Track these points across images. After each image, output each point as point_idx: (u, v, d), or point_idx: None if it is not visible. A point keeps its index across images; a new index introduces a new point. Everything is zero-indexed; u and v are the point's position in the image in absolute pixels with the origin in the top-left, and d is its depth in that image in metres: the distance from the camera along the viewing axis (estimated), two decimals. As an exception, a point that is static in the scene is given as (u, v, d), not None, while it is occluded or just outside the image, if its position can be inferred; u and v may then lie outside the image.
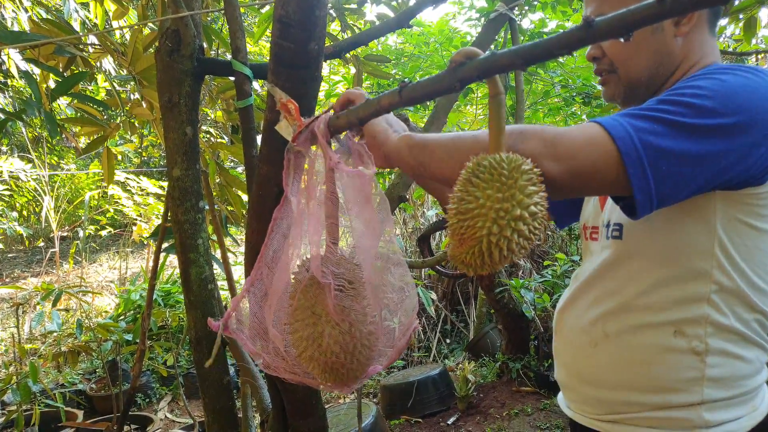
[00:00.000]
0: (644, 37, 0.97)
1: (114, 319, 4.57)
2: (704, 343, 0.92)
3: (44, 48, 1.83)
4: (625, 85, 1.01)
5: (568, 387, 1.13)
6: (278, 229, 0.97)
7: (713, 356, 0.92)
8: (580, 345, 1.06)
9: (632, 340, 0.97)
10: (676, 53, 0.97)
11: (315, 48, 1.02)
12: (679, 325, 0.93)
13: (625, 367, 0.99)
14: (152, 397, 4.22)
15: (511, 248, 0.67)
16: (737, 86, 0.80)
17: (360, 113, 0.86)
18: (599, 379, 1.03)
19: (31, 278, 7.87)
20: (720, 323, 0.92)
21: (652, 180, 0.76)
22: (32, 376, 2.71)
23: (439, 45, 5.19)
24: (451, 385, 3.78)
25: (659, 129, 0.77)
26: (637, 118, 0.78)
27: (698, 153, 0.77)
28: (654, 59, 0.98)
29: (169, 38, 1.49)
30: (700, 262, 0.91)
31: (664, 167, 0.76)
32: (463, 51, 0.70)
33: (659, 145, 0.76)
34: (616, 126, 0.77)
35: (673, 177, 0.77)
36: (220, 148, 2.55)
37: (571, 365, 1.10)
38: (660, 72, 0.99)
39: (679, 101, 0.79)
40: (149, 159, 9.94)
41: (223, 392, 1.62)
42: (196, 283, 1.54)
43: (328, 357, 0.85)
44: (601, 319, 1.02)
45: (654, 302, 0.95)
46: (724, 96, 0.79)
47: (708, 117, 0.77)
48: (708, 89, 0.80)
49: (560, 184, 0.77)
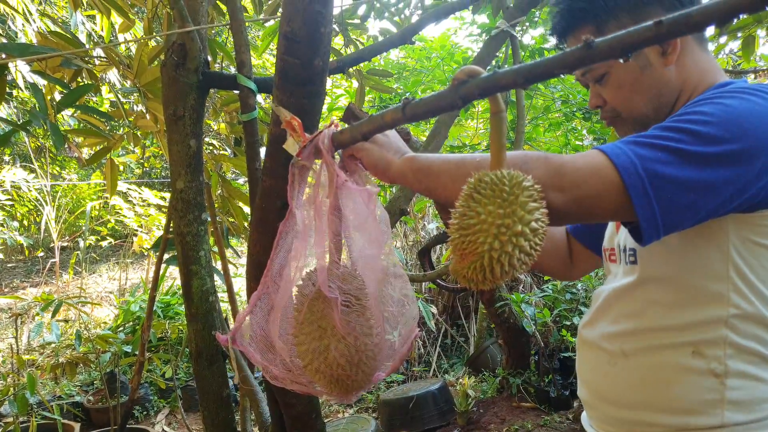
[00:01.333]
0: (636, 78, 0.97)
1: (113, 330, 4.56)
2: (723, 364, 0.91)
3: (51, 60, 1.86)
4: (633, 123, 1.02)
5: (589, 405, 1.12)
6: (283, 242, 0.98)
7: (733, 378, 0.91)
8: (599, 364, 1.06)
9: (650, 359, 0.97)
10: (673, 81, 0.97)
11: (320, 64, 1.03)
12: (698, 346, 0.92)
13: (643, 387, 0.98)
14: (150, 409, 4.19)
15: (513, 263, 0.68)
16: (742, 111, 0.80)
17: (364, 129, 0.87)
18: (618, 398, 1.02)
19: (30, 288, 7.86)
20: (740, 345, 0.91)
21: (658, 209, 0.76)
22: (30, 388, 2.70)
23: (440, 60, 5.24)
24: (451, 401, 3.76)
25: (664, 157, 0.77)
26: (640, 145, 0.78)
27: (704, 181, 0.77)
28: (652, 94, 0.98)
29: (174, 52, 1.51)
30: (716, 285, 0.90)
31: (669, 196, 0.76)
32: (466, 69, 0.71)
33: (664, 173, 0.76)
34: (620, 154, 0.77)
35: (679, 206, 0.77)
36: (222, 160, 2.57)
37: (592, 383, 1.09)
38: (662, 102, 0.98)
39: (683, 128, 0.79)
40: (151, 170, 9.97)
41: (222, 405, 1.62)
42: (198, 295, 1.55)
43: (334, 369, 0.85)
44: (619, 338, 1.01)
45: (671, 324, 0.94)
46: (729, 122, 0.78)
47: (713, 144, 0.77)
48: (712, 115, 0.79)
49: (564, 213, 0.78)
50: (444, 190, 0.85)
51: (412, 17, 2.72)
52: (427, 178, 0.87)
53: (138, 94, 2.12)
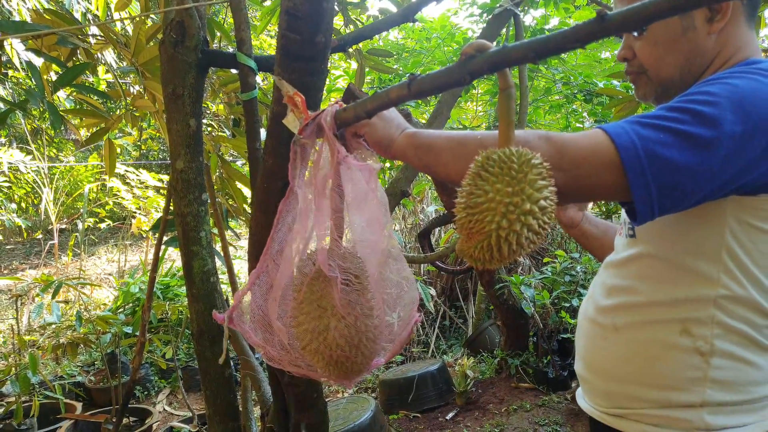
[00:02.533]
0: (675, 39, 0.94)
1: (113, 311, 4.56)
2: (709, 343, 0.91)
3: (47, 39, 1.83)
4: (656, 84, 0.99)
5: (583, 379, 1.13)
6: (283, 221, 0.97)
7: (719, 358, 0.91)
8: (593, 338, 1.07)
9: (640, 335, 0.98)
10: (708, 50, 0.94)
11: (322, 40, 1.02)
12: (686, 324, 0.92)
13: (631, 361, 0.99)
14: (151, 389, 4.22)
15: (521, 243, 0.67)
16: (748, 92, 0.78)
17: (368, 106, 0.85)
18: (608, 372, 1.04)
19: (29, 270, 7.86)
20: (728, 325, 0.91)
21: (655, 191, 0.76)
22: (32, 368, 2.71)
23: (440, 41, 5.18)
24: (449, 381, 3.78)
25: (665, 138, 0.76)
26: (643, 126, 0.77)
27: (704, 164, 0.76)
28: (685, 59, 0.95)
29: (173, 30, 1.48)
30: (707, 266, 0.90)
31: (667, 178, 0.76)
32: (475, 44, 0.70)
33: (663, 154, 0.75)
34: (621, 134, 0.77)
35: (677, 188, 0.77)
36: (221, 141, 2.55)
37: (586, 357, 1.10)
38: (692, 70, 0.96)
39: (687, 108, 0.78)
40: (148, 152, 9.92)
41: (224, 385, 1.63)
42: (199, 275, 1.54)
43: (333, 350, 0.85)
44: (612, 312, 1.02)
45: (662, 300, 0.95)
46: (734, 103, 0.77)
47: (715, 126, 0.76)
48: (717, 95, 0.78)
49: (565, 192, 0.77)
50: (445, 167, 0.85)
51: (413, -4, 2.67)
52: (428, 155, 0.86)
53: (135, 74, 2.10)
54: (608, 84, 3.84)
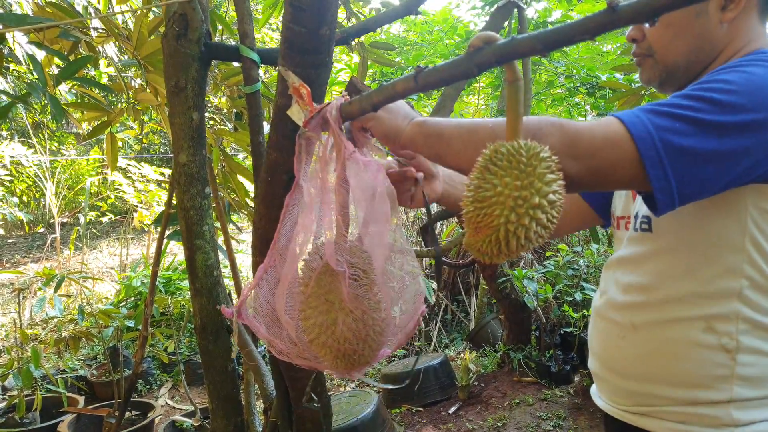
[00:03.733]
0: (687, 22, 0.93)
1: (115, 305, 4.57)
2: (735, 340, 0.90)
3: (49, 32, 1.81)
4: (662, 69, 0.99)
5: (599, 377, 1.12)
6: (290, 216, 0.96)
7: (745, 354, 0.90)
8: (609, 336, 1.06)
9: (661, 333, 0.96)
10: (719, 39, 0.94)
11: (326, 33, 1.01)
12: (710, 321, 0.91)
13: (652, 360, 0.97)
14: (153, 383, 4.23)
15: (529, 237, 0.66)
16: (766, 79, 0.78)
17: (374, 99, 0.84)
18: (628, 371, 1.02)
19: (31, 264, 7.87)
20: (753, 320, 0.90)
21: (674, 181, 0.75)
22: (34, 362, 2.71)
23: (443, 34, 5.16)
24: (452, 375, 3.79)
25: (681, 127, 0.75)
26: (659, 114, 0.76)
27: (722, 152, 0.75)
28: (695, 45, 0.94)
29: (176, 22, 1.47)
30: (731, 257, 0.88)
31: (686, 167, 0.75)
32: (482, 36, 0.69)
33: (681, 144, 0.74)
34: (637, 123, 0.75)
35: (696, 177, 0.76)
36: (223, 134, 2.54)
37: (602, 355, 1.09)
38: (700, 58, 0.95)
39: (703, 96, 0.77)
40: (150, 146, 9.91)
41: (227, 379, 1.62)
42: (202, 269, 1.54)
43: (341, 344, 0.85)
44: (629, 310, 1.01)
45: (683, 297, 0.93)
46: (752, 90, 0.76)
47: (733, 113, 0.75)
48: (735, 83, 0.77)
49: (578, 182, 0.76)
50: (455, 156, 0.83)
51: (415, -12, 2.66)
52: (438, 143, 0.85)
53: (137, 67, 2.08)
54: (611, 77, 3.82)
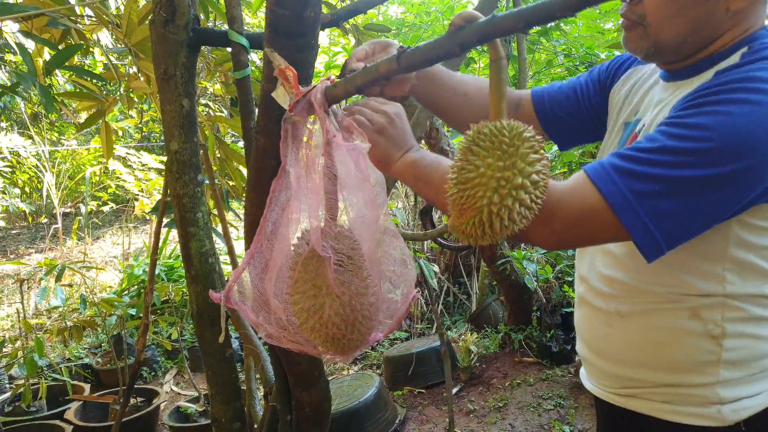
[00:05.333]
0: (693, 2, 0.85)
1: (118, 294, 4.60)
2: (720, 327, 0.90)
3: (37, 20, 1.80)
4: (653, 43, 0.91)
5: (588, 362, 1.12)
6: (276, 201, 0.96)
7: (730, 339, 0.90)
8: (596, 323, 1.05)
9: (647, 320, 0.96)
10: (720, 25, 0.87)
11: (311, 15, 0.99)
12: (695, 309, 0.91)
13: (640, 347, 0.98)
14: (158, 370, 4.27)
15: (513, 218, 0.66)
16: (747, 125, 0.75)
17: (358, 81, 0.84)
18: (616, 357, 1.03)
19: (34, 254, 7.91)
20: (738, 307, 0.90)
21: (661, 239, 0.77)
22: (38, 351, 2.74)
23: (440, 14, 5.10)
24: (454, 356, 3.81)
25: (662, 189, 0.75)
26: (635, 177, 0.76)
27: (707, 204, 0.76)
28: (695, 27, 0.87)
29: (163, 8, 1.45)
30: (712, 266, 0.89)
31: (671, 225, 0.76)
32: (463, 14, 0.68)
33: (665, 209, 0.75)
34: (615, 193, 0.75)
35: (682, 229, 0.78)
36: (219, 121, 2.53)
37: (589, 341, 1.09)
38: (695, 41, 0.89)
39: (680, 149, 0.75)
40: (150, 134, 9.89)
41: (226, 365, 1.63)
42: (197, 257, 1.54)
43: (329, 328, 0.85)
44: (614, 299, 1.00)
45: (668, 292, 0.93)
46: (732, 139, 0.74)
47: (714, 166, 0.74)
48: (712, 129, 0.75)
49: (559, 246, 0.82)
50: (440, 205, 0.85)
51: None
52: (426, 189, 0.89)
53: (130, 55, 2.07)
54: (610, 55, 3.78)
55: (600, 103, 1.15)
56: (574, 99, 1.15)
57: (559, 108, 1.15)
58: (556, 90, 1.17)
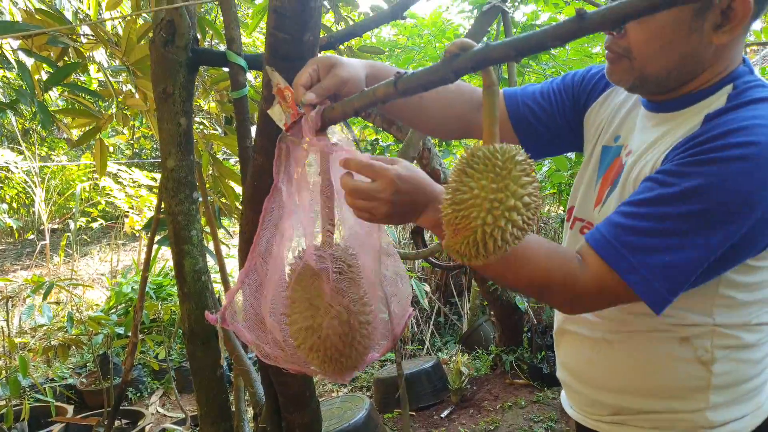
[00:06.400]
0: (677, 37, 0.85)
1: (105, 312, 4.55)
2: (710, 352, 0.92)
3: (38, 38, 1.82)
4: (636, 76, 0.91)
5: (569, 387, 1.12)
6: (269, 219, 0.97)
7: (719, 364, 0.92)
8: (581, 349, 1.05)
9: (635, 347, 0.97)
10: (704, 60, 0.88)
11: (310, 39, 1.02)
12: (685, 336, 0.93)
13: (628, 373, 0.98)
14: (143, 391, 4.21)
15: (506, 238, 0.68)
16: (745, 182, 0.78)
17: (355, 104, 0.86)
18: (601, 383, 1.03)
19: (21, 271, 7.81)
20: (727, 334, 0.92)
21: (669, 296, 0.82)
22: (22, 371, 2.70)
23: (432, 37, 5.18)
24: (444, 378, 3.79)
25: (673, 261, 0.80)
26: (647, 252, 0.81)
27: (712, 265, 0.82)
28: (679, 61, 0.88)
29: (163, 29, 1.48)
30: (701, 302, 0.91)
31: (679, 284, 0.82)
32: (458, 43, 0.70)
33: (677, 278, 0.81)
34: (630, 271, 0.81)
35: (688, 284, 0.83)
36: (213, 139, 2.55)
37: (574, 367, 1.09)
38: (681, 75, 0.90)
39: (684, 214, 0.80)
40: (141, 150, 9.88)
41: (216, 385, 1.62)
42: (190, 274, 1.54)
43: (328, 348, 0.86)
44: (600, 327, 1.01)
45: (659, 321, 0.93)
46: (731, 199, 0.78)
47: (718, 228, 0.79)
48: (708, 191, 0.78)
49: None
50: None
51: (403, -7, 2.68)
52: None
53: (127, 73, 2.09)
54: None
55: (574, 119, 1.14)
56: (549, 109, 1.13)
57: (533, 116, 1.13)
58: (530, 97, 1.14)
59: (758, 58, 5.88)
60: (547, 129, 1.14)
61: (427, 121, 1.13)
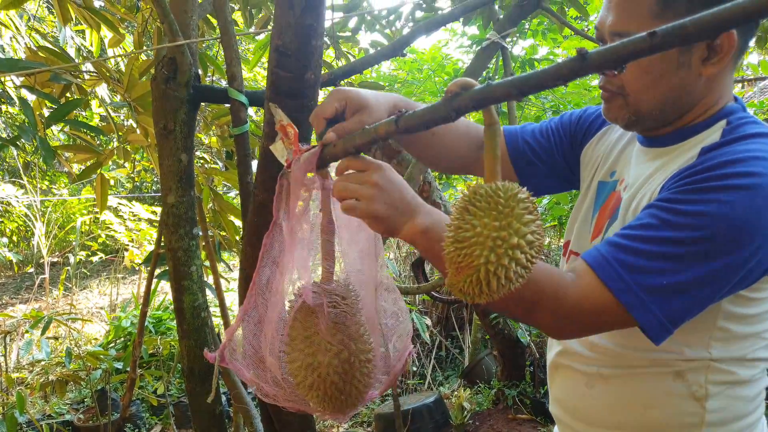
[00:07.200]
0: (667, 72, 0.87)
1: (104, 346, 4.49)
2: (704, 388, 0.90)
3: (40, 75, 1.84)
4: (633, 112, 0.92)
5: (563, 423, 1.10)
6: (269, 255, 0.97)
7: (713, 400, 0.91)
8: (574, 384, 1.04)
9: (630, 382, 0.96)
10: (696, 92, 0.89)
11: (311, 77, 1.03)
12: (680, 372, 0.92)
13: (622, 409, 0.97)
14: (142, 427, 4.12)
15: (509, 276, 0.67)
16: (743, 210, 0.78)
17: (357, 141, 0.86)
18: (595, 419, 1.01)
19: (19, 305, 7.75)
20: (722, 369, 0.91)
21: (670, 326, 0.81)
22: (19, 407, 2.66)
23: (432, 72, 5.26)
24: (446, 413, 3.72)
25: (673, 287, 0.79)
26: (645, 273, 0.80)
27: (712, 292, 0.81)
28: (672, 95, 0.89)
29: (165, 66, 1.50)
30: (699, 336, 0.90)
31: (679, 315, 0.81)
32: (459, 82, 0.71)
33: (675, 306, 0.80)
34: (625, 291, 0.79)
35: (688, 313, 0.82)
36: (214, 174, 2.56)
37: (567, 403, 1.08)
38: (675, 108, 0.91)
39: (683, 239, 0.79)
40: (141, 184, 9.92)
41: (215, 423, 1.60)
42: (189, 311, 1.53)
43: (328, 386, 0.84)
44: (594, 362, 1.00)
45: (655, 356, 0.92)
46: (730, 227, 0.78)
47: (719, 257, 0.78)
48: (711, 219, 0.78)
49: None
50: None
51: (403, 30, 2.73)
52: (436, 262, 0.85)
53: (128, 109, 2.11)
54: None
55: (571, 156, 1.16)
56: (547, 146, 1.16)
57: (532, 153, 1.15)
58: (529, 135, 1.17)
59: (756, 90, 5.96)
60: (545, 165, 1.16)
61: (437, 156, 1.16)
